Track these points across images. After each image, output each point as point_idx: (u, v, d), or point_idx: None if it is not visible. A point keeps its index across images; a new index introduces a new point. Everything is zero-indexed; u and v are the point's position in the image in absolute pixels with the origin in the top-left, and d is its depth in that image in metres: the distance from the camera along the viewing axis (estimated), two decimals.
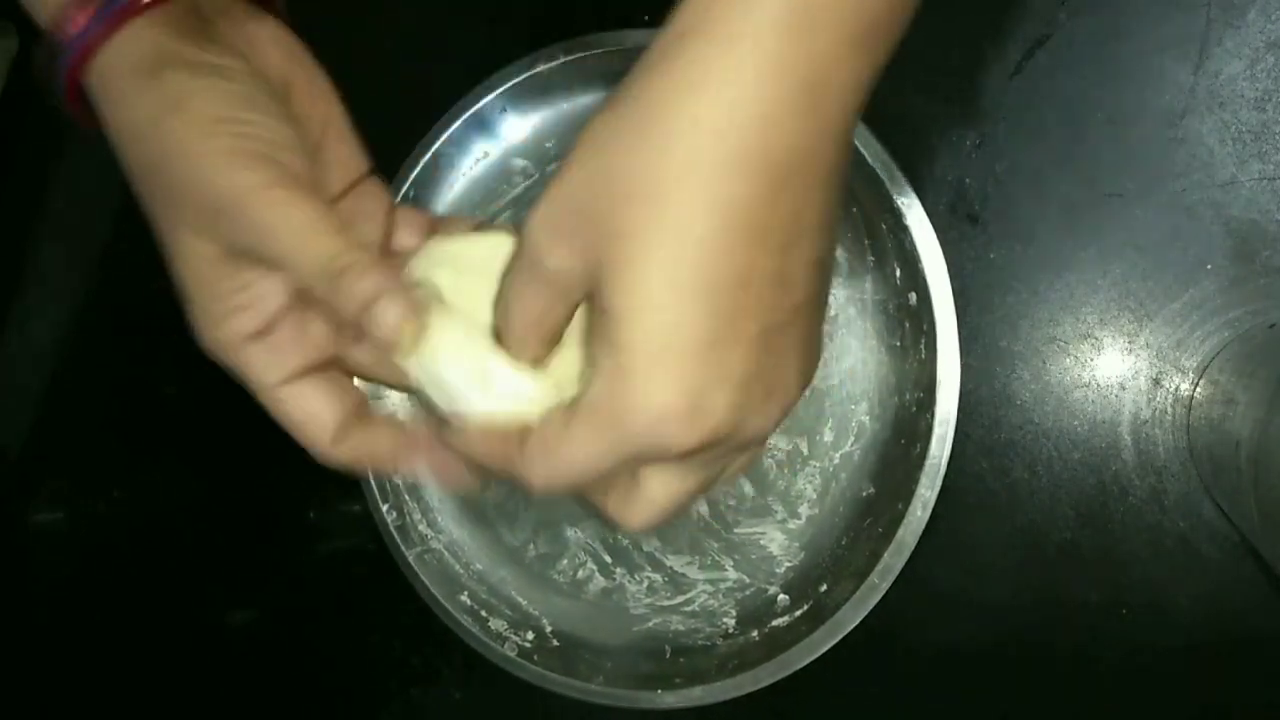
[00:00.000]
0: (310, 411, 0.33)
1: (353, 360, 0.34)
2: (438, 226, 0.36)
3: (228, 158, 0.30)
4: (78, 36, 0.30)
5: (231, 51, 0.32)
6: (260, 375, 0.32)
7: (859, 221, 0.49)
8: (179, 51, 0.31)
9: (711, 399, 0.27)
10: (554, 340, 0.31)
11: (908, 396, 0.48)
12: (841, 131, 0.26)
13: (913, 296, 0.47)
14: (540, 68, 0.50)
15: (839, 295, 0.50)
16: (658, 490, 0.30)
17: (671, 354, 0.26)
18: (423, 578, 0.49)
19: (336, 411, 0.33)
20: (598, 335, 0.27)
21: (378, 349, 0.32)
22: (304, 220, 0.30)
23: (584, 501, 0.32)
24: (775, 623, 0.48)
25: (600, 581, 0.51)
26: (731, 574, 0.50)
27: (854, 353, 0.50)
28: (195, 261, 0.31)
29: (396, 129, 0.35)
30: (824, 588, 0.48)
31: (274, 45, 0.33)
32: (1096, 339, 0.49)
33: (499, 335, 0.31)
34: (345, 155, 0.35)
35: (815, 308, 0.29)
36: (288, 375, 0.32)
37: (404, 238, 0.36)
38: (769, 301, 0.27)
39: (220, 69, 0.31)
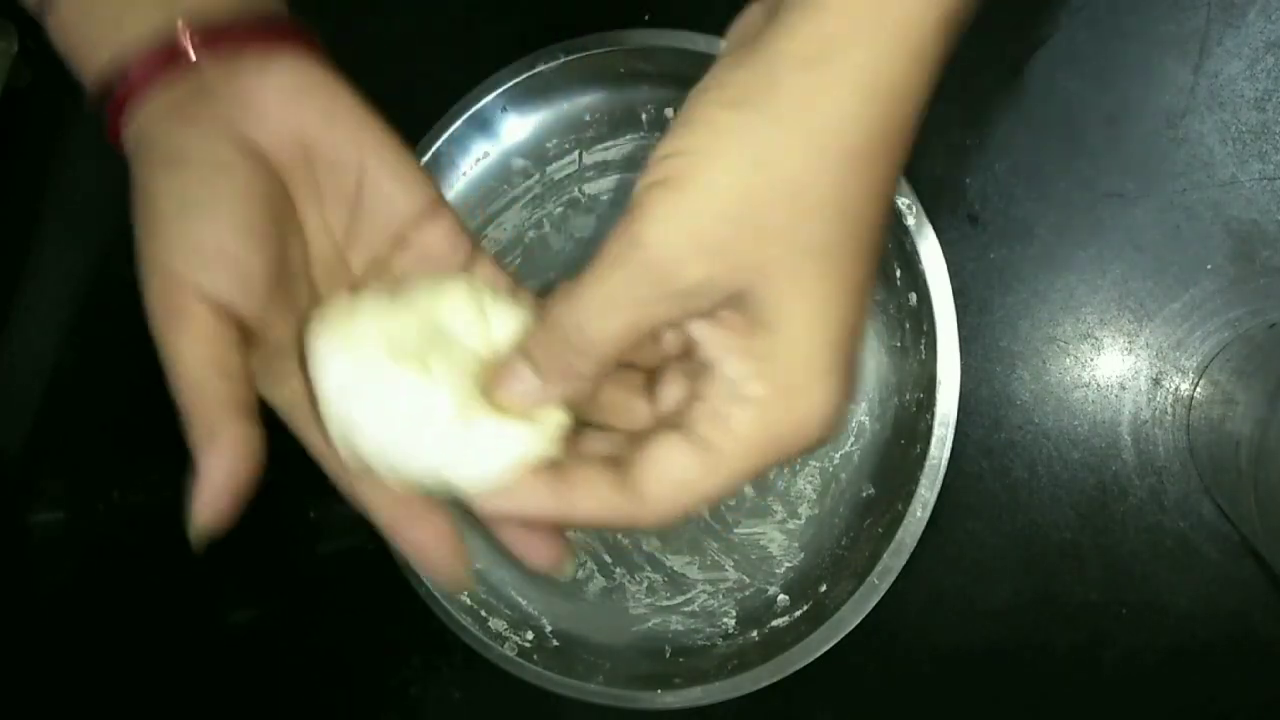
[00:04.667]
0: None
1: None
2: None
3: (178, 323, 0.31)
4: (119, 88, 0.30)
5: (222, 136, 0.30)
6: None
7: None
8: (158, 139, 0.30)
9: (846, 401, 0.28)
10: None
11: (908, 397, 0.48)
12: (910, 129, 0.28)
13: (913, 297, 0.47)
14: (540, 68, 0.50)
15: None
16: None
17: (835, 362, 0.27)
18: (423, 577, 0.49)
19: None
20: (742, 352, 0.27)
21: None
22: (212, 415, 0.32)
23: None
24: (775, 623, 0.48)
25: (600, 581, 0.51)
26: (731, 574, 0.50)
27: None
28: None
29: (396, 129, 0.35)
30: (824, 588, 0.48)
31: (282, 100, 0.30)
32: (1096, 339, 0.49)
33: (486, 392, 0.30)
34: (395, 192, 0.32)
35: None
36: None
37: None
38: (867, 300, 0.28)
39: (201, 185, 0.30)
